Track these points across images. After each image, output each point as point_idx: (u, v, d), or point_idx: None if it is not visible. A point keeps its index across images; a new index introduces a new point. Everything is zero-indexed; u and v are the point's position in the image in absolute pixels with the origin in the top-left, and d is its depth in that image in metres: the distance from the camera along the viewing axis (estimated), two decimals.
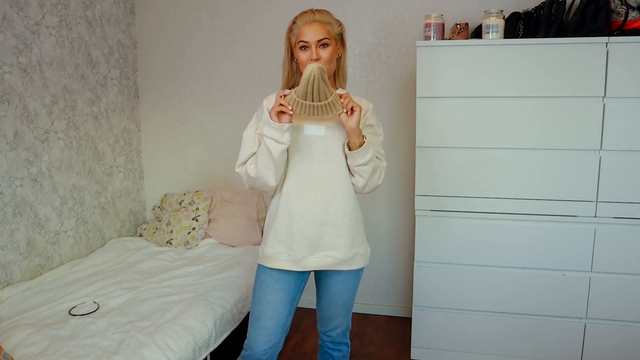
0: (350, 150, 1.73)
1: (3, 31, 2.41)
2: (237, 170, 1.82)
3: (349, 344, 2.05)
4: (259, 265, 1.87)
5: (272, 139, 1.67)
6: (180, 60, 3.36)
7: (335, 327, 1.97)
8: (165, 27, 3.35)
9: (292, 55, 1.81)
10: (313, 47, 1.72)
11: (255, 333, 1.83)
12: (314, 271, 1.90)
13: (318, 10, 1.76)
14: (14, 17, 2.47)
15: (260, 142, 1.74)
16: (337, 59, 1.82)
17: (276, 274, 1.82)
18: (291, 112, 1.66)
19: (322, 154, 1.77)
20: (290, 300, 1.85)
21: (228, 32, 3.26)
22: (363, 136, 1.72)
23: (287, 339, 2.22)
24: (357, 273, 1.89)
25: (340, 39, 1.81)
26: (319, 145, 1.77)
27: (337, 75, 1.85)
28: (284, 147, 1.69)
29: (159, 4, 3.35)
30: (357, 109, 1.68)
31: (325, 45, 1.73)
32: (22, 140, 2.53)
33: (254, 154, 1.78)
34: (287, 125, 1.67)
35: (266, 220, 1.89)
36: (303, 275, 1.87)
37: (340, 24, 1.80)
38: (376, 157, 1.79)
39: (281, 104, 1.65)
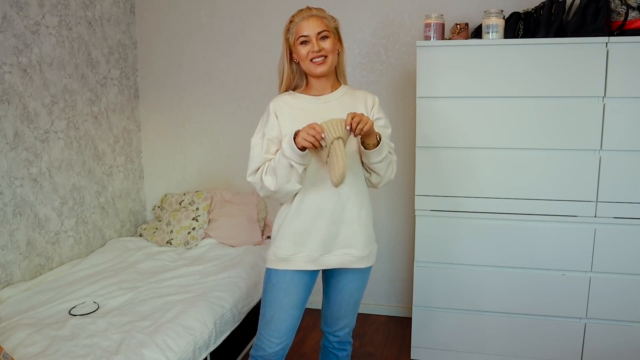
0: (365, 149, 1.71)
1: (3, 31, 2.41)
2: (248, 179, 1.78)
3: (352, 342, 2.07)
4: (271, 269, 1.84)
5: (294, 161, 1.64)
6: (180, 60, 3.36)
7: (344, 327, 1.98)
8: (165, 27, 3.35)
9: (291, 57, 1.81)
10: (314, 39, 1.74)
11: (267, 335, 1.84)
12: (322, 271, 1.91)
13: (315, 7, 1.80)
14: (14, 17, 2.47)
15: (268, 147, 1.73)
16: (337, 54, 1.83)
17: (289, 277, 1.81)
18: (318, 145, 1.60)
19: None
20: (302, 302, 1.86)
21: (228, 32, 3.26)
22: (377, 134, 1.69)
23: None
24: (367, 271, 1.90)
25: (337, 33, 1.82)
26: None
27: (337, 71, 1.87)
28: (307, 165, 1.68)
29: (159, 4, 3.35)
30: (367, 124, 1.60)
31: (325, 37, 1.75)
32: (22, 140, 2.53)
33: (265, 161, 1.75)
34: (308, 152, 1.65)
35: (277, 222, 1.85)
36: (314, 275, 1.87)
37: (335, 20, 1.82)
38: (389, 152, 1.78)
39: (313, 136, 1.58)
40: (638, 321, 2.42)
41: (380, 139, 1.70)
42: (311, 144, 1.59)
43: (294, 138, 1.62)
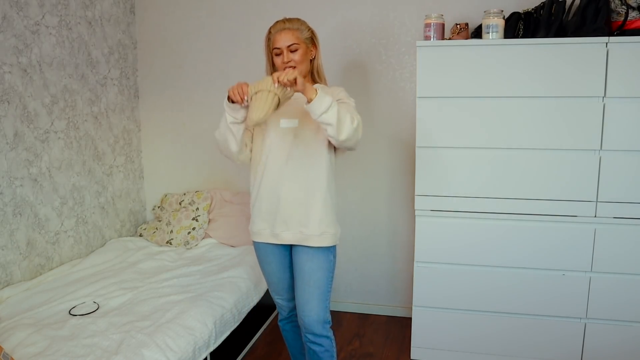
0: (308, 103, 1.79)
1: (3, 31, 2.41)
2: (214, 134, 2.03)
3: (332, 339, 2.06)
4: (253, 242, 2.14)
5: (226, 110, 1.89)
6: (180, 60, 3.36)
7: (310, 313, 2.00)
8: (165, 27, 3.35)
9: (273, 61, 2.03)
10: (284, 51, 1.96)
11: (271, 290, 2.21)
12: (292, 254, 2.08)
13: (289, 20, 1.99)
14: (14, 17, 2.47)
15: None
16: (311, 60, 2.04)
17: (262, 248, 2.10)
18: (245, 104, 1.80)
19: (296, 142, 1.96)
20: (283, 268, 2.11)
21: (228, 32, 3.26)
22: (315, 90, 1.78)
23: (281, 340, 2.28)
24: (324, 252, 2.00)
25: (311, 42, 2.02)
26: (293, 134, 1.96)
27: (313, 74, 2.07)
28: (239, 120, 1.89)
29: (159, 4, 3.35)
30: (289, 74, 1.73)
31: (295, 49, 1.96)
32: (22, 140, 2.53)
33: None
34: (239, 105, 1.84)
35: (251, 199, 2.10)
36: (284, 249, 2.08)
37: (309, 29, 2.02)
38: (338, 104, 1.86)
39: (238, 92, 1.80)
40: (638, 321, 2.42)
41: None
42: (238, 98, 1.80)
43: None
